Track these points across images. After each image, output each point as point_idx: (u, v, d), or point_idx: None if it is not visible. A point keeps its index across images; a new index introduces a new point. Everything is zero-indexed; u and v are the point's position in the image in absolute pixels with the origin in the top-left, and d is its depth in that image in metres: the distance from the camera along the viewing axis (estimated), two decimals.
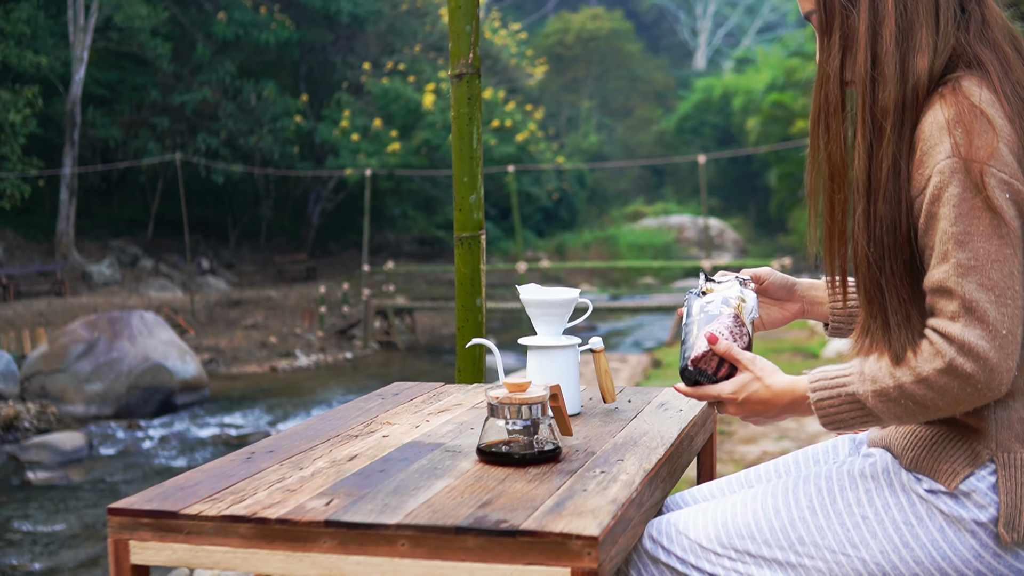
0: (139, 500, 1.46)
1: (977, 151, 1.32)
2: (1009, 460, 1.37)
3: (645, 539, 1.55)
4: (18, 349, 16.31)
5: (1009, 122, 1.35)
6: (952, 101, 1.35)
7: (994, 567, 1.38)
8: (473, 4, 2.70)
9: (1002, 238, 1.32)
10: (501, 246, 29.32)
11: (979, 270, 1.32)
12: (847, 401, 1.42)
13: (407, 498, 1.44)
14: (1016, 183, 1.33)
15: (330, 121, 27.56)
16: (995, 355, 1.31)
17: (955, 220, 1.33)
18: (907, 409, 1.38)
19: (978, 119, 1.33)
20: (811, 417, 1.48)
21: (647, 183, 41.28)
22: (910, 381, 1.36)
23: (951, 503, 1.39)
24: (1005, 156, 1.33)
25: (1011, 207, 1.32)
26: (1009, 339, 1.32)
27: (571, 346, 1.94)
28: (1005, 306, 1.32)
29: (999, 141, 1.32)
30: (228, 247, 28.44)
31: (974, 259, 1.32)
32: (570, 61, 41.68)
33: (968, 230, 1.32)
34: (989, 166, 1.32)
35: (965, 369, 1.32)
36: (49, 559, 8.07)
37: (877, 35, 1.40)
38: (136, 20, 23.73)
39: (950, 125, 1.34)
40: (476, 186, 2.72)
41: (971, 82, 1.37)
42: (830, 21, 1.45)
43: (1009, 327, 1.32)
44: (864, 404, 1.40)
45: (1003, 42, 1.42)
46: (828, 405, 1.44)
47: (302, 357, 19.10)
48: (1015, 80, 1.39)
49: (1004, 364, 1.32)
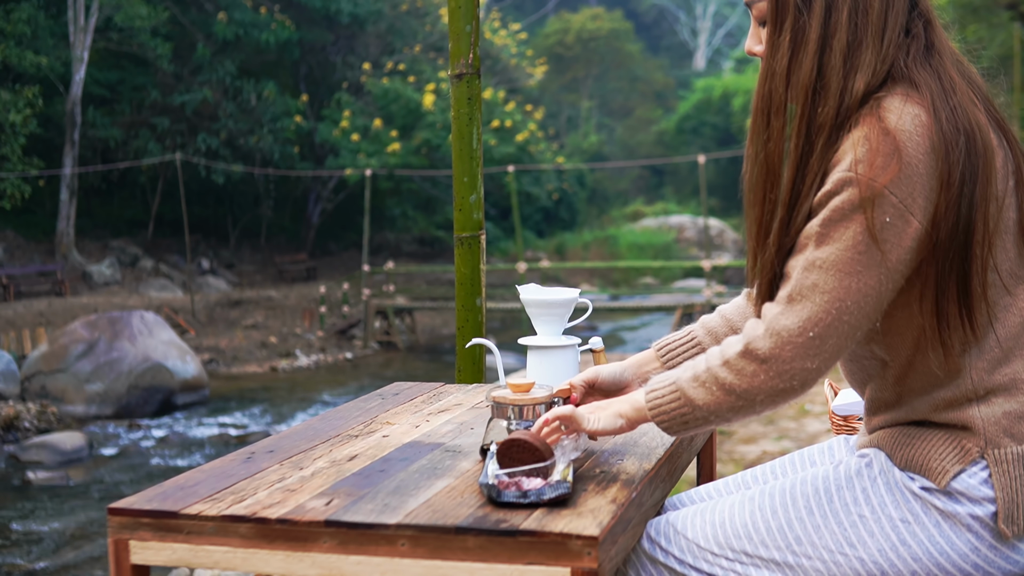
0: (139, 500, 1.46)
1: (876, 171, 1.31)
2: (1000, 456, 1.38)
3: (643, 539, 1.56)
4: (18, 349, 16.32)
5: (930, 149, 1.32)
6: (867, 122, 1.34)
7: (991, 560, 1.39)
8: (473, 4, 2.70)
9: (860, 255, 1.31)
10: (501, 246, 29.32)
11: (822, 271, 1.33)
12: (671, 391, 1.44)
13: (407, 498, 1.44)
14: (905, 211, 1.31)
15: (330, 121, 27.56)
16: (792, 349, 1.33)
17: (824, 222, 1.34)
18: (714, 396, 1.39)
19: (885, 141, 1.31)
20: (811, 417, 1.48)
21: (647, 183, 41.27)
22: (717, 364, 1.39)
23: (945, 500, 1.39)
24: (905, 183, 1.31)
25: (889, 231, 1.31)
26: (815, 343, 1.32)
27: (571, 346, 1.94)
28: (827, 313, 1.32)
29: (902, 167, 1.31)
30: (228, 247, 28.44)
31: (823, 260, 1.33)
32: (570, 61, 41.67)
33: (831, 234, 1.33)
34: (885, 188, 1.31)
35: (760, 351, 1.35)
36: (49, 559, 8.08)
37: (827, 46, 1.39)
38: (136, 20, 23.72)
39: (856, 144, 1.33)
40: (476, 186, 2.72)
41: (894, 100, 1.35)
42: (781, 17, 1.41)
43: (820, 332, 1.32)
44: (682, 392, 1.42)
45: (949, 67, 1.40)
46: (655, 396, 1.46)
47: (302, 357, 19.10)
48: (955, 104, 1.36)
49: (799, 362, 1.33)
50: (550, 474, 1.44)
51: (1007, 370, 1.40)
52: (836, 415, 1.92)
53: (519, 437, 1.45)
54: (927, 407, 1.42)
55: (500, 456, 1.46)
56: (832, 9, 1.38)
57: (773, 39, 1.43)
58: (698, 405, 1.41)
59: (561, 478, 1.44)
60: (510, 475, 1.44)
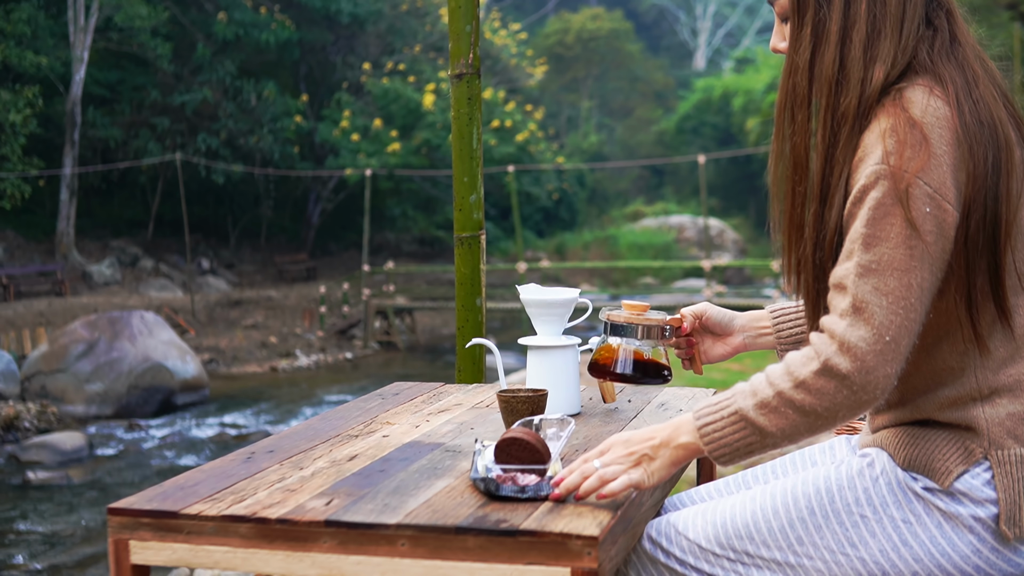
0: (139, 500, 1.46)
1: (907, 162, 1.31)
2: (1003, 457, 1.37)
3: (644, 540, 1.55)
4: (18, 349, 16.32)
5: (955, 142, 1.34)
6: (891, 112, 1.35)
7: (993, 562, 1.38)
8: (473, 4, 2.70)
9: (911, 249, 1.31)
10: (501, 246, 29.32)
11: (879, 274, 1.32)
12: (732, 421, 1.39)
13: (407, 498, 1.44)
14: (941, 199, 1.32)
15: (330, 121, 27.56)
16: (873, 358, 1.31)
17: (868, 222, 1.33)
18: (789, 420, 1.35)
19: (912, 132, 1.33)
20: None
21: (647, 183, 41.26)
22: (789, 387, 1.35)
23: (948, 500, 1.39)
24: (936, 172, 1.32)
25: (929, 221, 1.32)
26: (891, 347, 1.31)
27: (571, 346, 1.94)
28: (895, 314, 1.31)
29: (931, 157, 1.32)
30: (228, 247, 28.44)
31: (877, 263, 1.32)
32: (570, 61, 41.67)
33: (878, 234, 1.32)
34: (917, 178, 1.31)
35: (840, 369, 1.32)
36: (49, 559, 8.08)
37: (847, 37, 1.40)
38: (136, 20, 23.73)
39: (884, 135, 1.34)
40: (476, 186, 2.72)
41: (916, 91, 1.37)
42: (803, 12, 1.43)
43: (894, 335, 1.31)
44: (748, 420, 1.37)
45: (972, 60, 1.41)
46: (713, 429, 1.40)
47: (302, 357, 19.10)
48: (978, 97, 1.37)
49: (881, 370, 1.31)
50: (546, 471, 1.45)
51: (1012, 371, 1.40)
52: None
53: (520, 436, 1.45)
54: (932, 406, 1.42)
55: (498, 453, 1.46)
56: (851, 1, 1.40)
57: (795, 33, 1.45)
58: (770, 432, 1.37)
59: (553, 474, 1.45)
60: (505, 471, 1.44)
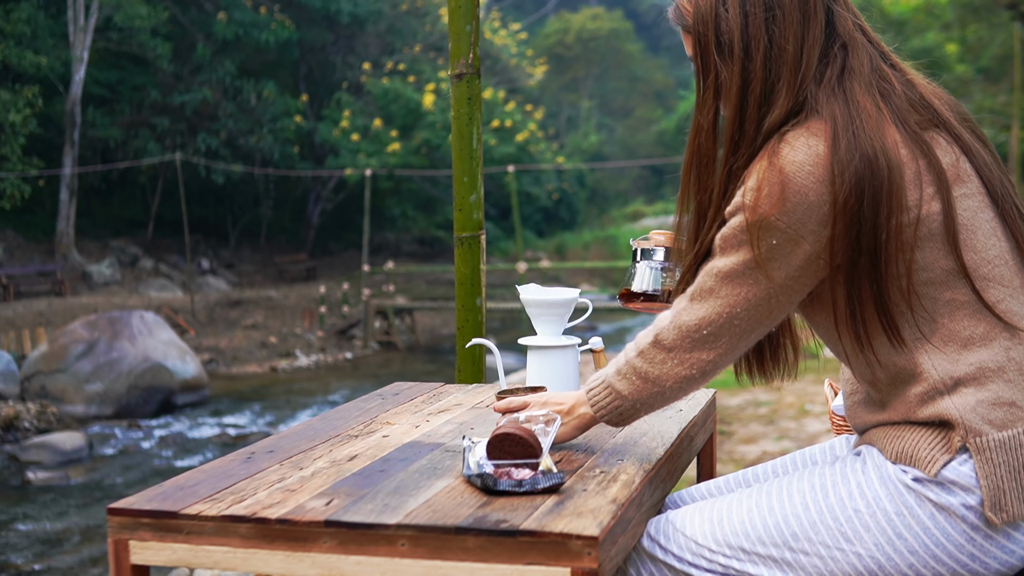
0: (139, 500, 1.46)
1: (761, 200, 1.40)
2: (982, 444, 1.39)
3: (643, 537, 1.56)
4: (18, 349, 16.32)
5: (824, 180, 1.38)
6: (765, 155, 1.42)
7: (986, 549, 1.40)
8: (473, 4, 2.70)
9: (749, 270, 1.43)
10: (501, 246, 29.34)
11: (718, 279, 1.45)
12: (603, 387, 1.58)
13: (407, 498, 1.44)
14: (795, 235, 1.39)
15: (330, 121, 27.57)
16: (690, 343, 1.47)
17: (724, 237, 1.45)
18: (635, 385, 1.53)
19: (771, 173, 1.39)
20: (811, 417, 1.49)
21: (647, 183, 41.29)
22: (634, 354, 1.53)
23: (938, 491, 1.40)
24: (792, 211, 1.39)
25: (776, 252, 1.40)
26: (709, 339, 1.47)
27: (571, 346, 1.94)
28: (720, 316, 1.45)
29: (787, 197, 1.38)
30: (228, 247, 28.45)
31: (720, 270, 1.45)
32: (570, 61, 41.69)
33: (727, 248, 1.45)
34: (772, 215, 1.39)
35: (665, 342, 1.49)
36: (49, 559, 8.08)
37: (745, 99, 1.47)
38: (136, 20, 23.74)
39: (750, 175, 1.42)
40: (476, 186, 2.72)
41: (797, 133, 1.42)
42: (706, 74, 1.51)
43: (713, 331, 1.46)
44: (612, 387, 1.56)
45: (861, 92, 1.44)
46: (593, 396, 1.59)
47: (302, 357, 19.10)
48: (856, 129, 1.40)
49: (695, 355, 1.48)
50: (538, 466, 1.47)
51: (970, 359, 1.42)
52: (836, 415, 1.92)
53: (512, 432, 1.47)
54: (906, 406, 1.45)
55: (491, 449, 1.47)
56: (748, 59, 1.46)
57: (700, 95, 1.54)
58: (625, 396, 1.55)
59: (545, 468, 1.48)
60: (498, 467, 1.46)
